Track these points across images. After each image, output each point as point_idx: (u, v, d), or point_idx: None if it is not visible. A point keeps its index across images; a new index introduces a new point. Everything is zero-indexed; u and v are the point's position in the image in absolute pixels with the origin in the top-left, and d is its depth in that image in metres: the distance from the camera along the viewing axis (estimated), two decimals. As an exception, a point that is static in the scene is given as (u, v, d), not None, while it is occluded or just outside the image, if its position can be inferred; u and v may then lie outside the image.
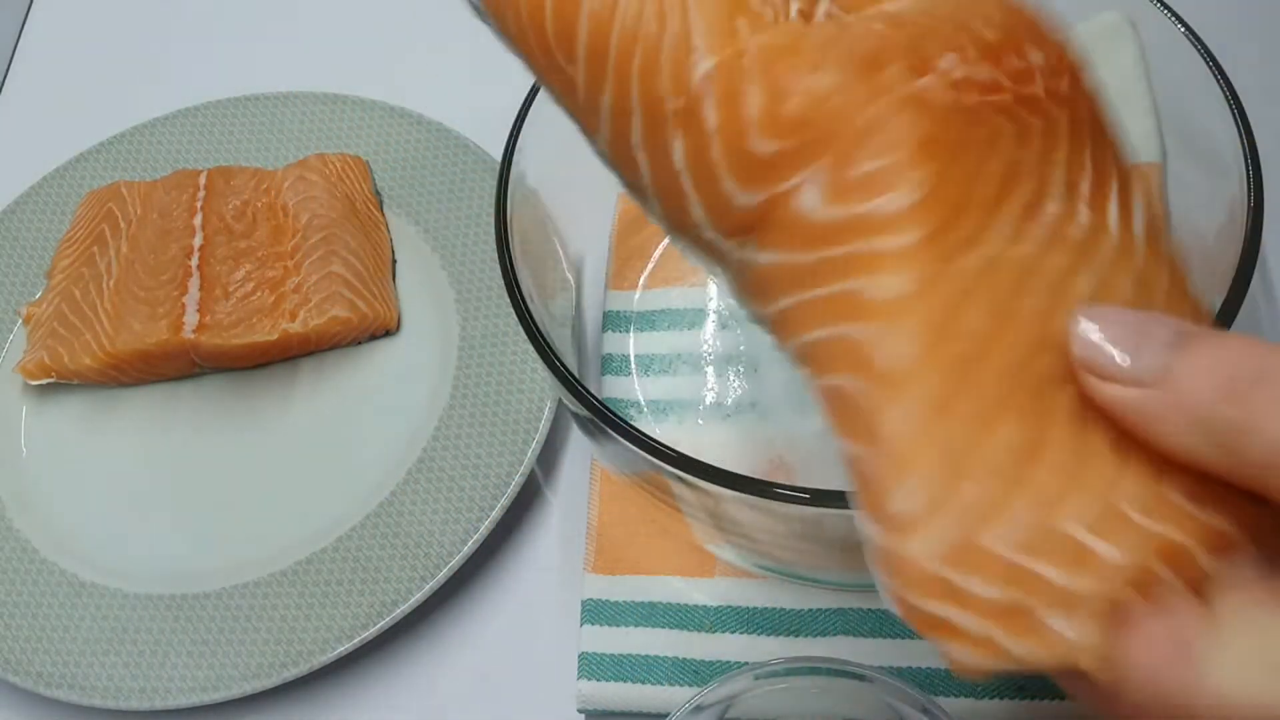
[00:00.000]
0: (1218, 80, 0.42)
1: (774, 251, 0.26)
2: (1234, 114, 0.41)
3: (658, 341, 0.54)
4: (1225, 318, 0.39)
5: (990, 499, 0.22)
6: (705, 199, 0.27)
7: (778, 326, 0.27)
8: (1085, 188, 0.26)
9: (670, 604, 0.48)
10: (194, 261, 0.57)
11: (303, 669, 0.48)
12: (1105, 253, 0.25)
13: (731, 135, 0.26)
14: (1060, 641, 0.22)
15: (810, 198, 0.25)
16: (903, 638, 0.47)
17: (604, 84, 0.27)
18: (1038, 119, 0.26)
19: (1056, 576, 0.22)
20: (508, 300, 0.44)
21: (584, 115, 0.28)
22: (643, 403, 0.53)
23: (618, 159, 0.28)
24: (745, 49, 0.25)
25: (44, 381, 0.57)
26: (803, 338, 0.26)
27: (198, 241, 0.58)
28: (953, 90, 0.24)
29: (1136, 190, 0.27)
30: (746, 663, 0.42)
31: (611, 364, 0.54)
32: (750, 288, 0.28)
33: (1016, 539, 0.22)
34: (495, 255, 0.45)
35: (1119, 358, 0.23)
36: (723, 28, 0.26)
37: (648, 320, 0.55)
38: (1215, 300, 0.38)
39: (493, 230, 0.46)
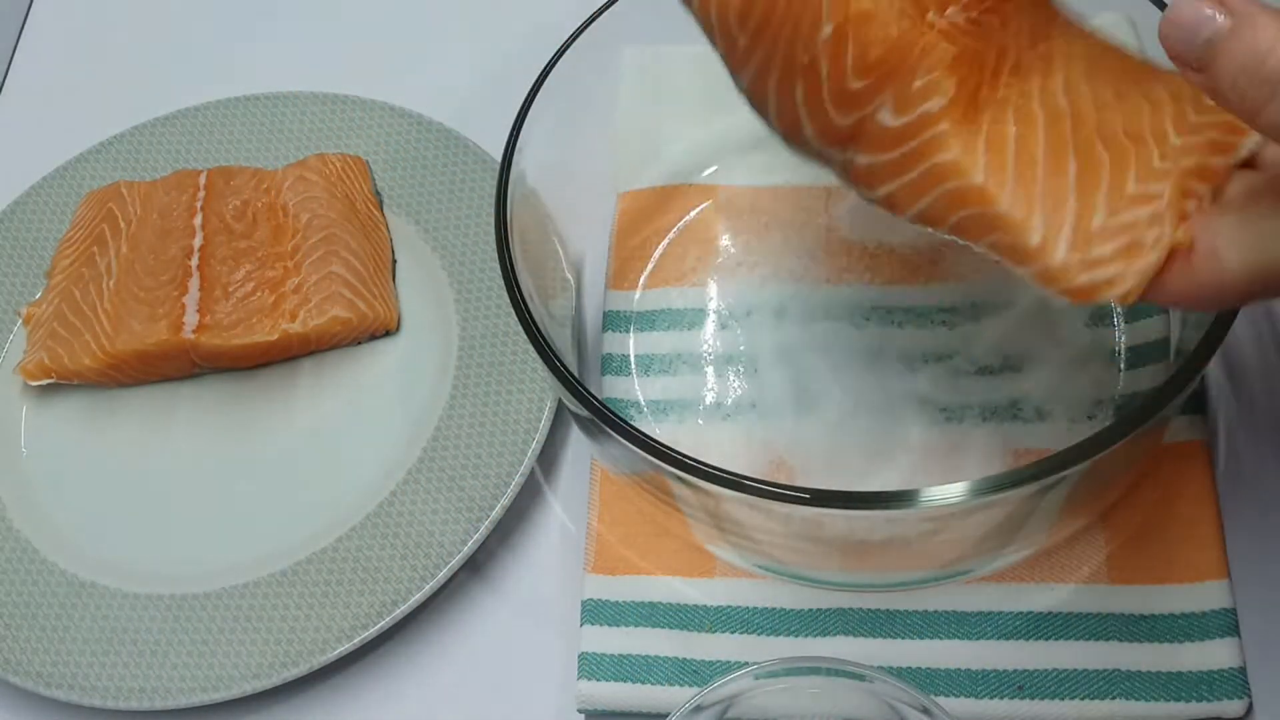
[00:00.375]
0: (1218, 80, 0.42)
1: (869, 155, 0.37)
2: (1234, 113, 0.42)
3: (658, 341, 0.54)
4: (1224, 316, 0.39)
5: (1080, 206, 0.35)
6: (815, 124, 0.38)
7: (886, 204, 0.38)
8: (1042, 23, 0.38)
9: (670, 604, 0.48)
10: (194, 262, 0.58)
11: (303, 669, 0.48)
12: (1061, 53, 0.38)
13: (837, 79, 0.36)
14: (1154, 250, 0.34)
15: (885, 114, 0.36)
16: (903, 638, 0.47)
17: (758, 47, 0.38)
18: (1011, 1, 0.37)
19: (1138, 216, 0.34)
20: (508, 300, 0.44)
21: (737, 68, 0.39)
22: (643, 403, 0.53)
23: (754, 98, 0.39)
24: (850, 14, 0.35)
25: (44, 382, 0.57)
26: (913, 209, 0.37)
27: (198, 242, 0.58)
28: (965, 11, 0.36)
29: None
30: (746, 663, 0.42)
31: (611, 364, 0.54)
32: (856, 180, 0.39)
33: (1108, 213, 0.35)
34: (495, 255, 0.45)
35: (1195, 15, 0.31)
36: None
37: (648, 320, 0.55)
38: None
39: (493, 230, 0.46)
